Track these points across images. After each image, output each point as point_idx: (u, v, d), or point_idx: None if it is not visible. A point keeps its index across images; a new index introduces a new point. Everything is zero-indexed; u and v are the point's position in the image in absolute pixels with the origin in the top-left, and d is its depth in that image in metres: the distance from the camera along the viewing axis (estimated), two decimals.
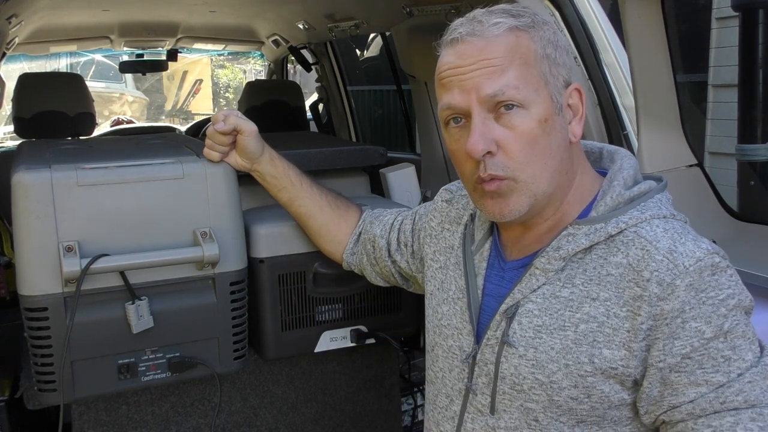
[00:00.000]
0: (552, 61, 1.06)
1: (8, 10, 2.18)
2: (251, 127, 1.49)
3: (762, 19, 1.43)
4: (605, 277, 1.02)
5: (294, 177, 1.54)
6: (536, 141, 1.03)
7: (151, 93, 14.09)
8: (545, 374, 1.04)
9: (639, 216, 1.03)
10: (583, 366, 1.01)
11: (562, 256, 1.05)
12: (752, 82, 1.51)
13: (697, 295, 0.96)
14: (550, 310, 1.05)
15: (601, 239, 1.04)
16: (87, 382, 1.48)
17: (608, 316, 1.00)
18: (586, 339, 1.01)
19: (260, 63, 10.47)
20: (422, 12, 2.41)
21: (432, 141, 2.85)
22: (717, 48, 5.01)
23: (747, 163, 1.97)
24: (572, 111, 1.09)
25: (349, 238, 1.55)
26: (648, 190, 1.08)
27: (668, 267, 0.97)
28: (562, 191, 1.09)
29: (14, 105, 3.10)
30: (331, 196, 1.57)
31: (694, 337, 0.95)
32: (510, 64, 1.03)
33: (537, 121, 1.03)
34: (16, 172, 1.42)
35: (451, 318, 1.20)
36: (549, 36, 1.07)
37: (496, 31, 1.04)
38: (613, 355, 0.99)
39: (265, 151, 1.53)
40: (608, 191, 1.07)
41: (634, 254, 1.00)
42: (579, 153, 1.12)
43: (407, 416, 2.26)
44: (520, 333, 1.07)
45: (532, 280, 1.08)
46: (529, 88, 1.03)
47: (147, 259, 1.46)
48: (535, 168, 1.04)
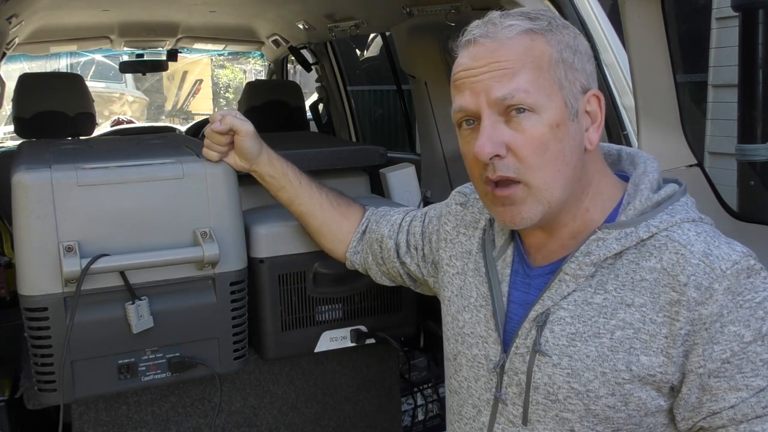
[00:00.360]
0: (569, 65, 1.03)
1: (8, 10, 2.18)
2: (248, 128, 1.48)
3: (762, 19, 1.43)
4: (639, 282, 1.00)
5: (293, 176, 1.53)
6: (547, 146, 1.01)
7: (151, 93, 14.09)
8: (581, 383, 1.02)
9: (669, 220, 1.02)
10: (620, 373, 1.00)
11: (593, 262, 1.03)
12: (752, 82, 1.51)
13: (734, 299, 0.95)
14: (583, 317, 1.03)
15: (632, 244, 1.02)
16: (87, 382, 1.48)
17: (644, 322, 0.99)
18: (622, 346, 1.00)
19: (260, 63, 10.47)
20: (422, 12, 2.41)
21: (432, 141, 2.85)
22: (717, 48, 5.01)
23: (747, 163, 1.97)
24: (590, 117, 1.06)
25: (352, 237, 1.54)
26: (673, 193, 1.07)
27: (705, 270, 0.96)
28: (577, 198, 1.07)
29: (14, 105, 3.10)
30: (332, 194, 1.56)
31: (733, 341, 0.94)
32: (522, 67, 1.01)
33: (548, 126, 1.01)
34: (16, 172, 1.42)
35: (475, 326, 1.17)
36: (568, 40, 1.05)
37: (509, 33, 1.03)
38: (651, 361, 0.98)
39: (263, 151, 1.52)
40: (635, 195, 1.05)
41: (668, 258, 0.99)
42: (597, 159, 1.10)
43: (407, 416, 2.26)
44: (552, 341, 1.05)
45: (562, 286, 1.06)
46: (540, 92, 1.01)
47: (147, 259, 1.46)
48: (547, 174, 1.02)
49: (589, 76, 1.06)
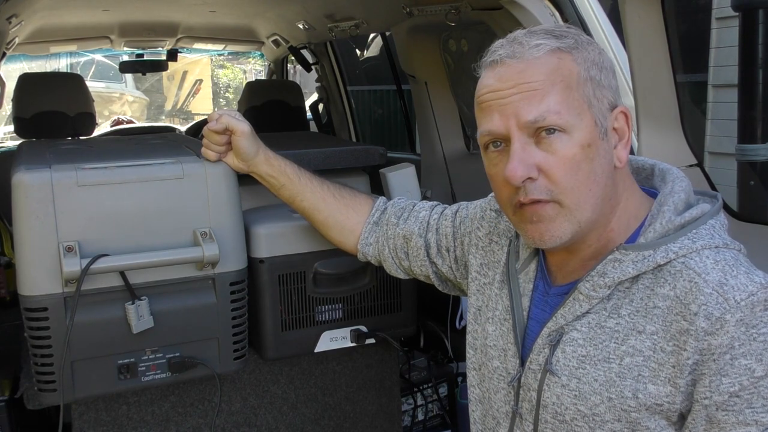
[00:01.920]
0: (596, 83, 1.02)
1: (8, 10, 2.18)
2: (244, 128, 1.47)
3: (762, 19, 1.43)
4: (652, 309, 0.98)
5: (292, 174, 1.52)
6: (579, 166, 1.00)
7: (151, 93, 14.09)
8: (587, 406, 1.01)
9: (690, 246, 0.98)
10: (626, 401, 0.98)
11: (607, 284, 1.01)
12: (752, 82, 1.51)
13: (747, 331, 0.92)
14: (595, 341, 1.02)
15: (649, 268, 0.99)
16: (87, 382, 1.48)
17: (654, 350, 0.97)
18: (630, 373, 0.98)
19: (260, 63, 10.47)
20: (422, 12, 2.41)
21: (432, 141, 2.85)
22: (717, 48, 5.01)
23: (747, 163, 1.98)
24: (618, 135, 1.04)
25: (363, 228, 1.50)
26: (700, 215, 1.02)
27: (717, 300, 0.93)
28: (605, 217, 1.05)
29: (14, 105, 3.10)
30: (334, 187, 1.54)
31: (743, 375, 0.91)
32: (551, 87, 0.99)
33: (580, 146, 0.99)
34: (16, 172, 1.42)
35: (497, 339, 1.17)
36: (593, 57, 1.03)
37: (537, 53, 1.00)
38: (659, 391, 0.96)
39: (260, 151, 1.51)
40: (658, 217, 1.02)
41: (681, 286, 0.96)
42: (625, 177, 1.07)
43: (407, 416, 2.26)
44: (563, 362, 1.04)
45: (575, 305, 1.04)
46: (571, 112, 0.99)
47: (147, 260, 1.46)
48: (579, 194, 1.00)
49: (614, 92, 1.04)
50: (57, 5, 2.95)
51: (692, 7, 5.32)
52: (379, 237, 1.49)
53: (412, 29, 2.68)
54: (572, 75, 1.00)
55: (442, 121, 2.80)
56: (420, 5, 2.38)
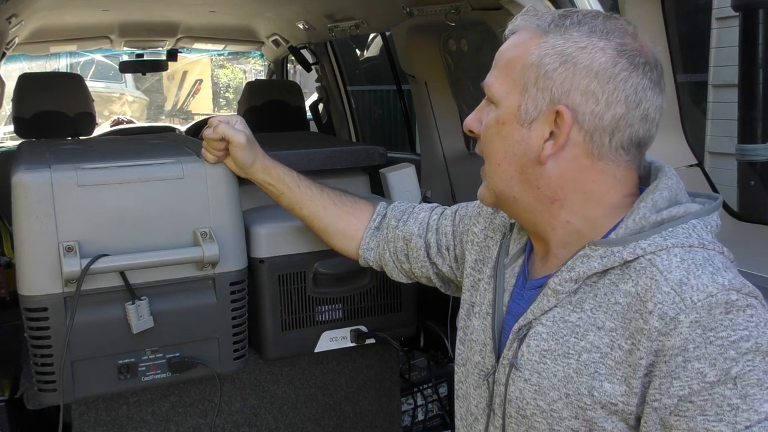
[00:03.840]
0: (543, 72, 0.98)
1: (8, 10, 2.18)
2: (239, 139, 1.47)
3: (762, 19, 1.43)
4: (613, 305, 0.96)
5: (291, 182, 1.51)
6: (492, 139, 1.06)
7: (151, 93, 14.09)
8: (546, 401, 1.00)
9: (660, 243, 0.95)
10: (582, 398, 0.96)
11: (573, 278, 1.00)
12: (752, 82, 1.51)
13: (703, 334, 0.87)
14: (557, 335, 1.01)
15: (615, 264, 0.97)
16: (87, 382, 1.48)
17: (612, 348, 0.95)
18: (587, 369, 0.96)
19: (260, 63, 10.46)
20: (422, 12, 2.41)
21: (432, 141, 2.85)
22: (717, 48, 5.01)
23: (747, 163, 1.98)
24: (553, 132, 1.00)
25: (363, 233, 1.51)
26: (682, 214, 0.98)
27: (674, 300, 0.89)
28: (543, 204, 1.04)
29: (14, 105, 3.10)
30: (334, 194, 1.54)
31: (694, 379, 0.87)
32: (502, 60, 1.05)
33: (496, 120, 1.05)
34: (16, 172, 1.42)
35: (479, 333, 1.18)
36: (565, 48, 0.97)
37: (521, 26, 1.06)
38: (614, 389, 0.94)
39: (257, 161, 1.50)
40: (633, 213, 0.99)
41: (642, 283, 0.93)
42: (570, 177, 1.02)
43: (407, 416, 2.26)
44: (527, 356, 1.04)
45: (544, 300, 1.04)
46: (502, 87, 1.04)
47: (147, 259, 1.46)
48: (491, 164, 1.08)
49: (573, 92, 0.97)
50: (57, 5, 2.95)
51: (692, 7, 5.32)
52: (380, 241, 1.49)
53: (412, 29, 2.68)
54: (522, 55, 1.01)
55: (442, 121, 2.80)
56: (420, 5, 2.38)
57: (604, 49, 0.97)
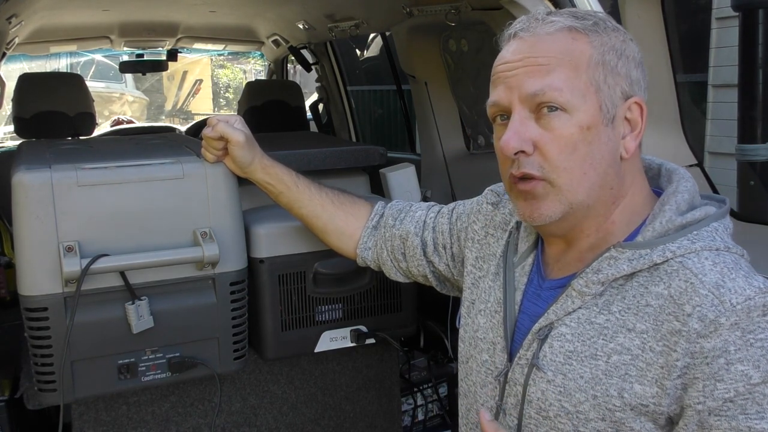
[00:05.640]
0: (610, 69, 1.00)
1: (8, 10, 2.18)
2: (238, 138, 1.46)
3: (762, 19, 1.43)
4: (644, 307, 0.96)
5: (290, 182, 1.51)
6: (576, 147, 0.99)
7: (151, 93, 14.09)
8: (572, 403, 0.99)
9: (688, 246, 0.96)
10: (611, 399, 0.96)
11: (600, 280, 1.00)
12: (752, 82, 1.51)
13: (743, 336, 0.89)
14: (583, 337, 1.00)
15: (644, 267, 0.98)
16: (87, 382, 1.48)
17: (643, 350, 0.95)
18: (617, 371, 0.96)
19: (260, 63, 10.47)
20: (422, 12, 2.41)
21: (432, 141, 2.85)
22: (717, 48, 5.01)
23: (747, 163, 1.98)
24: (630, 125, 1.03)
25: (362, 232, 1.50)
26: (703, 217, 1.00)
27: (713, 303, 0.90)
28: (604, 207, 1.03)
29: (14, 105, 3.10)
30: (333, 193, 1.53)
31: (739, 381, 0.88)
32: (558, 64, 0.99)
33: (578, 127, 0.98)
34: (16, 172, 1.42)
35: (487, 331, 1.16)
36: (614, 43, 1.01)
37: (550, 29, 1.00)
38: (645, 391, 0.94)
39: (255, 160, 1.50)
40: (659, 215, 1.00)
41: (676, 286, 0.94)
42: (635, 171, 1.06)
43: (407, 416, 2.26)
44: (550, 357, 1.03)
45: (567, 301, 1.03)
46: (574, 92, 0.98)
47: (147, 259, 1.46)
48: (572, 176, 1.00)
49: (633, 83, 1.02)
50: (57, 5, 2.95)
51: (692, 7, 5.32)
52: (378, 240, 1.49)
53: (412, 29, 2.68)
54: (583, 56, 0.99)
55: (442, 121, 2.80)
56: (420, 5, 2.38)
57: (632, 40, 1.04)
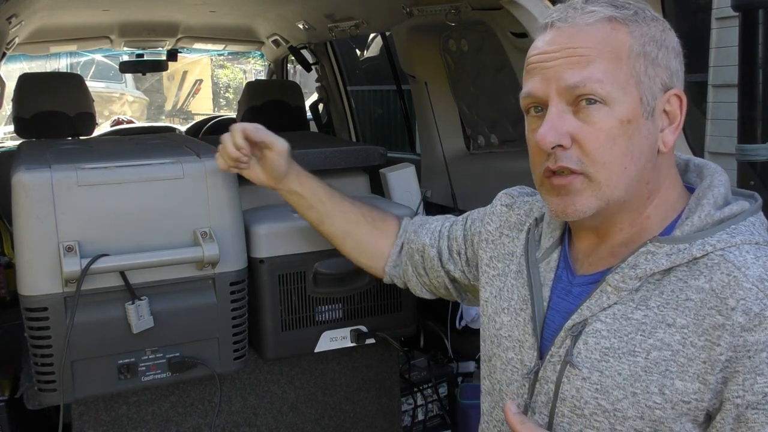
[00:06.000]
0: (650, 60, 0.97)
1: (8, 10, 2.18)
2: (282, 145, 1.39)
3: (762, 19, 1.43)
4: (684, 302, 0.94)
5: (324, 195, 1.44)
6: (615, 141, 0.96)
7: (151, 93, 14.10)
8: (609, 401, 0.97)
9: (729, 240, 0.94)
10: (652, 396, 0.94)
11: (638, 276, 0.97)
12: (752, 82, 1.50)
13: None
14: (620, 333, 0.98)
15: (683, 261, 0.95)
16: (87, 382, 1.48)
17: (684, 345, 0.92)
18: (657, 367, 0.94)
19: (260, 63, 10.47)
20: (422, 12, 2.41)
21: (432, 141, 2.85)
22: (717, 48, 5.00)
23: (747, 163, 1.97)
24: (669, 118, 1.00)
25: (391, 250, 1.46)
26: (740, 211, 0.98)
27: (758, 296, 0.88)
28: (640, 202, 1.01)
29: (14, 105, 3.10)
30: (365, 208, 1.47)
31: None
32: (598, 55, 0.96)
33: (619, 120, 0.96)
34: (16, 172, 1.42)
35: (512, 329, 1.13)
36: (654, 33, 0.98)
37: (589, 19, 0.97)
38: (686, 387, 0.92)
39: (292, 170, 1.44)
40: (696, 210, 0.98)
41: (718, 279, 0.92)
42: (669, 164, 1.03)
43: (407, 416, 2.26)
44: (585, 354, 1.00)
45: (603, 297, 1.00)
46: (615, 84, 0.95)
47: (147, 259, 1.46)
48: (611, 170, 0.97)
49: (673, 74, 1.00)
50: (57, 5, 2.95)
51: (692, 7, 5.32)
52: (403, 257, 1.46)
53: (412, 29, 2.68)
54: (623, 47, 0.96)
55: (442, 121, 2.80)
56: (420, 5, 2.38)
57: (671, 29, 1.01)
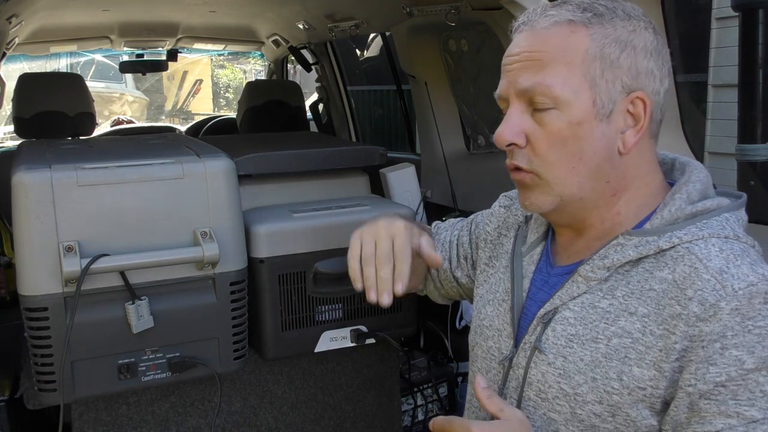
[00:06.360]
0: (609, 62, 0.98)
1: (8, 10, 2.18)
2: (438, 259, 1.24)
3: (762, 19, 1.43)
4: (647, 291, 0.96)
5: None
6: (565, 143, 0.99)
7: (151, 93, 14.09)
8: (571, 385, 1.00)
9: (696, 233, 0.96)
10: (610, 382, 0.96)
11: (606, 266, 1.01)
12: (752, 82, 1.50)
13: (742, 322, 0.88)
14: (585, 320, 1.01)
15: (651, 252, 0.98)
16: (87, 382, 1.48)
17: (644, 333, 0.95)
18: (617, 354, 0.96)
19: (260, 63, 10.47)
20: (422, 12, 2.41)
21: (432, 141, 2.85)
22: (717, 48, 5.00)
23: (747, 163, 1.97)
24: (633, 119, 1.01)
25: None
26: (715, 207, 1.00)
27: (714, 287, 0.90)
28: (605, 199, 1.03)
29: (14, 105, 3.10)
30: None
31: (732, 366, 0.88)
32: (552, 59, 0.98)
33: (569, 122, 0.98)
34: (16, 172, 1.42)
35: (494, 319, 1.17)
36: (619, 35, 0.98)
37: (545, 23, 0.99)
38: (643, 374, 0.94)
39: None
40: (668, 204, 1.01)
41: (681, 271, 0.94)
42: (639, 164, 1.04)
43: (407, 416, 2.26)
44: (552, 340, 1.03)
45: (573, 287, 1.04)
46: (566, 88, 0.98)
47: (147, 259, 1.46)
48: (560, 170, 1.00)
49: (640, 75, 0.99)
50: (57, 5, 2.95)
51: (692, 7, 5.32)
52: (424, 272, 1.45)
53: (412, 29, 2.68)
54: (579, 50, 0.98)
55: (442, 121, 2.80)
56: (420, 5, 2.38)
57: (646, 28, 1.00)
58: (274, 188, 1.87)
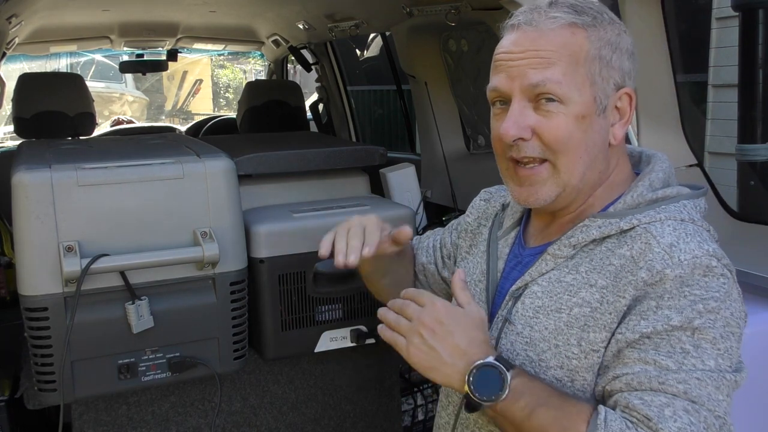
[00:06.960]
0: (605, 62, 1.07)
1: (8, 10, 2.18)
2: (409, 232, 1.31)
3: (762, 19, 1.43)
4: (607, 266, 1.04)
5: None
6: (571, 134, 1.06)
7: (151, 93, 14.08)
8: (536, 352, 1.07)
9: (654, 216, 1.05)
10: (571, 348, 1.04)
11: (572, 244, 1.09)
12: (752, 82, 1.50)
13: (680, 288, 0.97)
14: (551, 293, 1.09)
15: (612, 233, 1.06)
16: (87, 382, 1.48)
17: (602, 303, 1.03)
18: (577, 322, 1.04)
19: (260, 63, 10.47)
20: (422, 12, 2.41)
21: (432, 141, 2.85)
22: (717, 48, 5.00)
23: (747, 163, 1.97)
24: (619, 114, 1.11)
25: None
26: (675, 195, 1.09)
27: (663, 258, 0.99)
28: (591, 188, 1.11)
29: (14, 105, 3.10)
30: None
31: (660, 321, 0.96)
32: (558, 58, 1.05)
33: (574, 116, 1.06)
34: (17, 172, 1.42)
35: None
36: (609, 37, 1.08)
37: (552, 24, 1.06)
38: (596, 337, 1.02)
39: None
40: (632, 190, 1.10)
41: (637, 248, 1.02)
42: (620, 155, 1.14)
43: (407, 416, 2.26)
44: (521, 312, 1.11)
45: (542, 264, 1.12)
46: (572, 85, 1.05)
47: (147, 259, 1.46)
48: (570, 158, 1.07)
49: (625, 74, 1.10)
50: (57, 5, 2.95)
51: (692, 7, 5.32)
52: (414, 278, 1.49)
53: (412, 29, 2.68)
54: (581, 51, 1.06)
55: (442, 121, 2.80)
56: (420, 5, 2.38)
57: (626, 32, 1.11)
58: (274, 188, 1.88)
